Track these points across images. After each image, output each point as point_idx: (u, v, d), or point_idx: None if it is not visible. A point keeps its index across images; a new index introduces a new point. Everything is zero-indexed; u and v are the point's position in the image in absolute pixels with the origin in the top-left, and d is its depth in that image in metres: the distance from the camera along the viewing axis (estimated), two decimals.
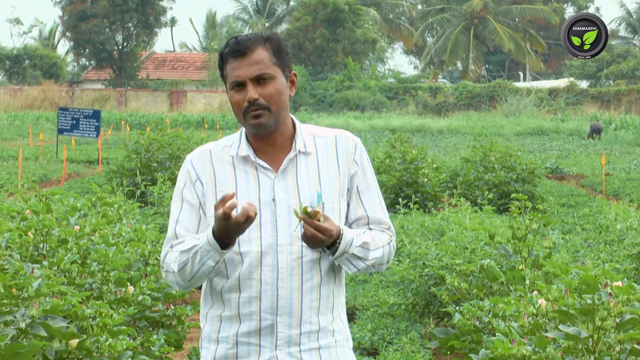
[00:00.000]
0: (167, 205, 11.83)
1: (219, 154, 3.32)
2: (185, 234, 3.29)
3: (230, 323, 3.26)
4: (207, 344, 3.32)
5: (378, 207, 3.37)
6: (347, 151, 3.34)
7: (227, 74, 3.27)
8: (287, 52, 3.30)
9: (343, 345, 3.34)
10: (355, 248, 3.24)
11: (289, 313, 3.23)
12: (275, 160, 3.30)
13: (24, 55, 65.72)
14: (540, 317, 4.45)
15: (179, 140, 19.70)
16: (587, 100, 56.36)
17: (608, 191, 20.14)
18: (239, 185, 3.26)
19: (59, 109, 27.09)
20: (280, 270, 3.22)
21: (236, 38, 3.26)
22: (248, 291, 3.23)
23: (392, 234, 3.40)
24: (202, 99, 59.60)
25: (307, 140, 3.33)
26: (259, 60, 3.23)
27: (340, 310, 3.35)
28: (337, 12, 61.24)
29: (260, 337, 3.23)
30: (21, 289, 4.20)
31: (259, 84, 3.23)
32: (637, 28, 77.66)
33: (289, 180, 3.27)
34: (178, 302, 8.92)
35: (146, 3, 62.89)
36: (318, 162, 3.31)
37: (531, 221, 6.50)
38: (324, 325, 3.28)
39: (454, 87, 59.54)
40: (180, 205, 3.32)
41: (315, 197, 3.26)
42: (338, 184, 3.31)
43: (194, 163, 3.32)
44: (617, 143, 37.26)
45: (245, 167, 3.29)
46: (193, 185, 3.31)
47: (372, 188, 3.37)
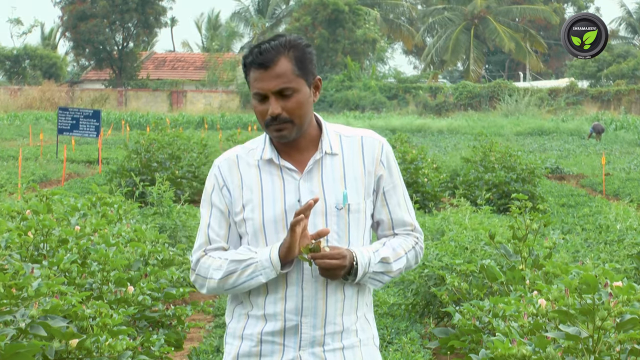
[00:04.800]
0: (166, 205, 11.82)
1: (245, 158, 3.33)
2: (218, 240, 3.31)
3: (257, 321, 3.28)
4: (231, 339, 3.34)
5: (403, 209, 3.37)
6: (373, 152, 3.33)
7: (250, 82, 3.27)
8: (311, 60, 3.27)
9: (368, 344, 3.34)
10: (375, 266, 3.25)
11: (313, 314, 3.24)
12: (300, 161, 3.30)
13: (24, 55, 65.73)
14: (540, 317, 4.45)
15: (179, 140, 19.70)
16: (587, 100, 56.35)
17: (608, 191, 20.14)
18: (265, 189, 3.27)
19: (59, 109, 27.07)
20: (305, 272, 3.24)
21: (259, 47, 3.24)
22: (274, 292, 3.25)
23: (418, 235, 3.40)
24: (202, 99, 59.59)
25: (334, 141, 3.32)
26: (281, 74, 3.21)
27: (366, 309, 3.35)
28: (337, 12, 61.24)
29: (284, 337, 3.25)
30: (21, 289, 4.20)
31: (282, 97, 3.22)
32: (637, 28, 77.65)
33: (315, 181, 3.27)
34: (178, 302, 8.92)
35: (146, 3, 62.88)
36: (344, 162, 3.31)
37: (531, 221, 6.49)
38: (348, 326, 3.29)
39: (454, 87, 59.52)
40: (210, 210, 3.34)
41: (341, 197, 3.26)
42: (364, 184, 3.31)
43: (221, 168, 3.34)
44: (617, 143, 37.24)
45: (270, 169, 3.29)
46: (220, 191, 3.32)
47: (398, 189, 3.37)
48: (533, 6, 69.74)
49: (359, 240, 3.29)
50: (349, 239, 3.27)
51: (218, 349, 7.67)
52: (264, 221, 3.25)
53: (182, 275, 7.08)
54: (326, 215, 3.25)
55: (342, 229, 3.26)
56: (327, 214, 3.25)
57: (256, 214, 3.25)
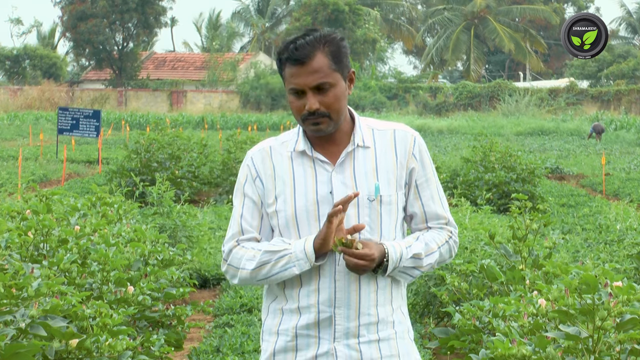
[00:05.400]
0: (166, 205, 11.82)
1: (278, 150, 3.35)
2: (250, 230, 3.32)
3: (291, 316, 3.29)
4: (267, 336, 3.35)
5: (437, 202, 3.37)
6: (405, 145, 3.34)
7: (285, 77, 3.27)
8: (345, 53, 3.29)
9: (403, 337, 3.34)
10: (406, 261, 3.26)
11: (346, 305, 3.25)
12: (333, 153, 3.32)
13: (24, 55, 65.71)
14: (540, 317, 4.45)
15: (179, 140, 19.70)
16: (587, 100, 56.35)
17: (608, 191, 20.14)
18: (297, 180, 3.29)
19: (58, 109, 27.07)
20: (337, 264, 3.24)
21: (295, 42, 3.24)
22: (307, 284, 3.26)
23: (452, 229, 3.39)
24: (202, 99, 59.59)
25: (366, 134, 3.34)
26: (318, 69, 3.22)
27: (401, 301, 3.36)
28: (337, 12, 61.26)
29: (319, 329, 3.26)
30: (21, 289, 4.20)
31: (319, 92, 3.23)
32: (637, 28, 77.65)
33: (347, 173, 3.29)
34: (178, 302, 8.92)
35: (146, 3, 62.86)
36: (376, 155, 3.31)
37: (531, 221, 6.50)
38: (384, 317, 3.29)
39: (454, 87, 59.54)
40: (243, 200, 3.36)
41: (373, 189, 3.27)
42: (395, 177, 3.31)
43: (254, 159, 3.36)
44: (617, 143, 37.24)
45: (302, 161, 3.31)
46: (253, 182, 3.34)
47: (431, 182, 3.37)
48: (533, 6, 69.74)
49: (391, 232, 3.30)
50: (380, 230, 3.28)
51: (218, 349, 7.68)
52: (296, 212, 3.27)
53: (182, 275, 7.07)
54: (358, 207, 3.26)
55: (374, 221, 3.27)
56: (360, 205, 3.26)
57: (288, 205, 3.27)
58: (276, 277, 3.25)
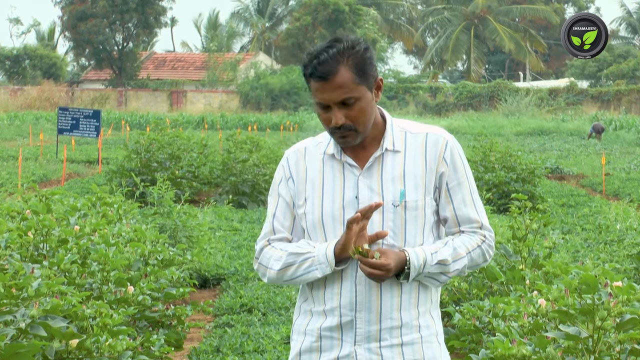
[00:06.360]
0: (166, 205, 11.81)
1: (312, 151, 3.37)
2: (282, 230, 3.35)
3: (318, 317, 3.31)
4: (296, 335, 3.38)
5: (469, 206, 3.33)
6: (436, 149, 3.31)
7: (312, 90, 3.27)
8: (370, 63, 3.27)
9: (431, 342, 3.30)
10: (430, 268, 3.24)
11: (367, 309, 3.25)
12: (362, 157, 3.32)
13: (24, 55, 65.71)
14: (540, 317, 4.45)
15: (179, 140, 19.70)
16: (587, 100, 56.36)
17: (608, 191, 20.14)
18: (326, 184, 3.31)
19: (58, 109, 27.07)
20: (358, 268, 3.24)
21: (318, 58, 3.21)
22: (331, 287, 3.28)
23: (486, 233, 3.34)
24: (202, 99, 59.59)
25: (397, 138, 3.33)
26: (342, 84, 3.21)
27: (430, 305, 3.32)
28: (337, 12, 61.26)
29: (341, 332, 3.28)
30: (21, 289, 4.20)
31: (345, 106, 3.23)
32: (637, 28, 77.65)
33: (374, 178, 3.28)
34: (178, 302, 8.92)
35: (146, 3, 62.86)
36: (405, 159, 3.30)
37: (531, 221, 6.50)
38: (407, 321, 3.27)
39: (454, 87, 59.55)
40: (277, 200, 3.38)
41: (399, 194, 3.27)
42: (424, 182, 3.29)
43: (289, 160, 3.38)
44: (617, 143, 37.23)
45: (332, 164, 3.33)
46: (287, 183, 3.37)
47: (463, 186, 3.33)
48: (533, 6, 69.75)
49: (417, 237, 3.27)
50: (405, 236, 3.26)
51: (218, 349, 7.67)
52: (323, 216, 3.28)
53: (182, 275, 7.07)
54: (383, 213, 3.25)
55: (397, 226, 3.26)
56: (384, 210, 3.25)
57: (316, 208, 3.29)
58: (300, 278, 3.28)
